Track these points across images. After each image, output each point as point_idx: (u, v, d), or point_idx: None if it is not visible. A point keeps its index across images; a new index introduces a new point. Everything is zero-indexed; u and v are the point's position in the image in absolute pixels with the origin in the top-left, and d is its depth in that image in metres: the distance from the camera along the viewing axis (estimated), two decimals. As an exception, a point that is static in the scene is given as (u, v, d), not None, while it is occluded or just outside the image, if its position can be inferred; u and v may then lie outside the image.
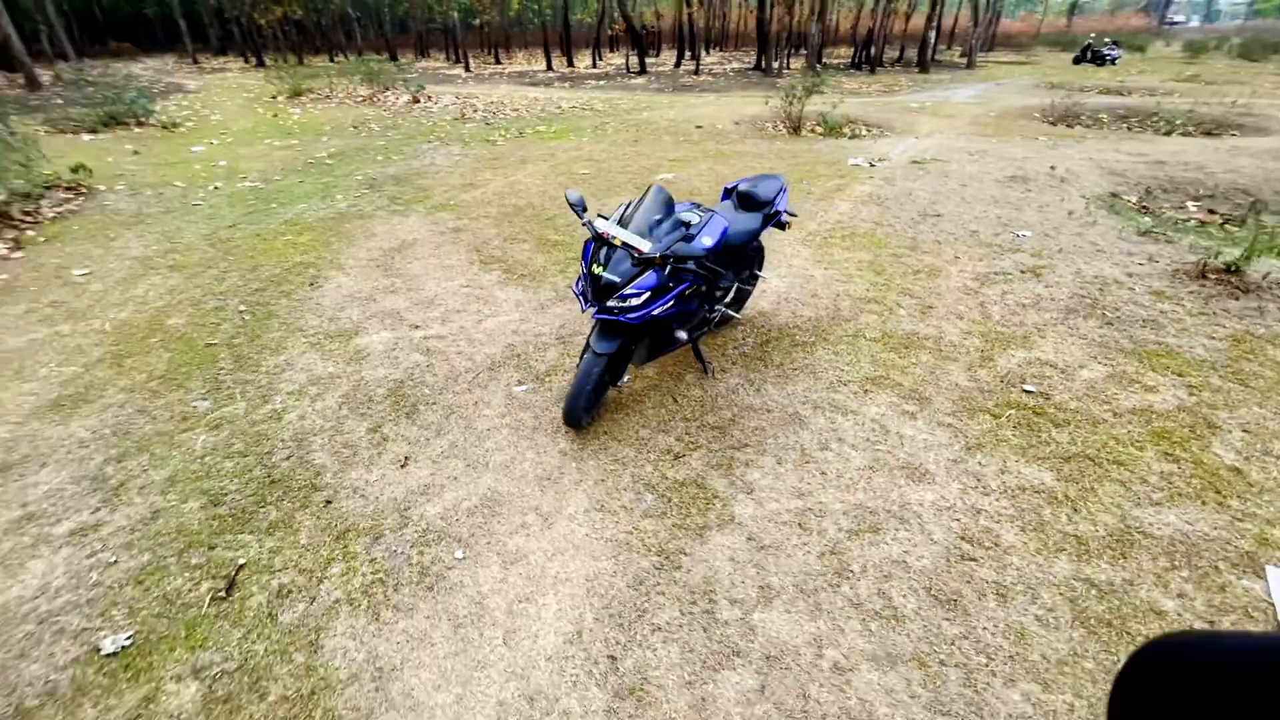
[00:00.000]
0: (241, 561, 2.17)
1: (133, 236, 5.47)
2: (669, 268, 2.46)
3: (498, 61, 28.61)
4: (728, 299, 3.24)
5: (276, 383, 3.26)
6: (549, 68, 24.31)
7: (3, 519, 2.36)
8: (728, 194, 3.36)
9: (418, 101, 13.77)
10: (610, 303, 2.40)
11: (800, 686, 1.72)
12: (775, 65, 21.52)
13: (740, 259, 3.22)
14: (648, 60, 24.10)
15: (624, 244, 2.38)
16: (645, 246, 2.34)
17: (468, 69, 24.59)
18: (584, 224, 2.52)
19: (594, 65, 25.95)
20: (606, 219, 2.58)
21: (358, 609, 1.99)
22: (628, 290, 2.37)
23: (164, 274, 4.68)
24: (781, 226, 3.56)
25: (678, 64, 24.65)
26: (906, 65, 24.79)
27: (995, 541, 2.17)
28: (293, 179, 7.55)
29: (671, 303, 2.51)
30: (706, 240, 2.67)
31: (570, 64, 25.58)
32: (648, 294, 2.39)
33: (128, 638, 1.89)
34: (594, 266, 2.43)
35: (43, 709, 1.70)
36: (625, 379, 3.15)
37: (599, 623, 1.92)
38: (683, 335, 2.69)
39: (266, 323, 3.90)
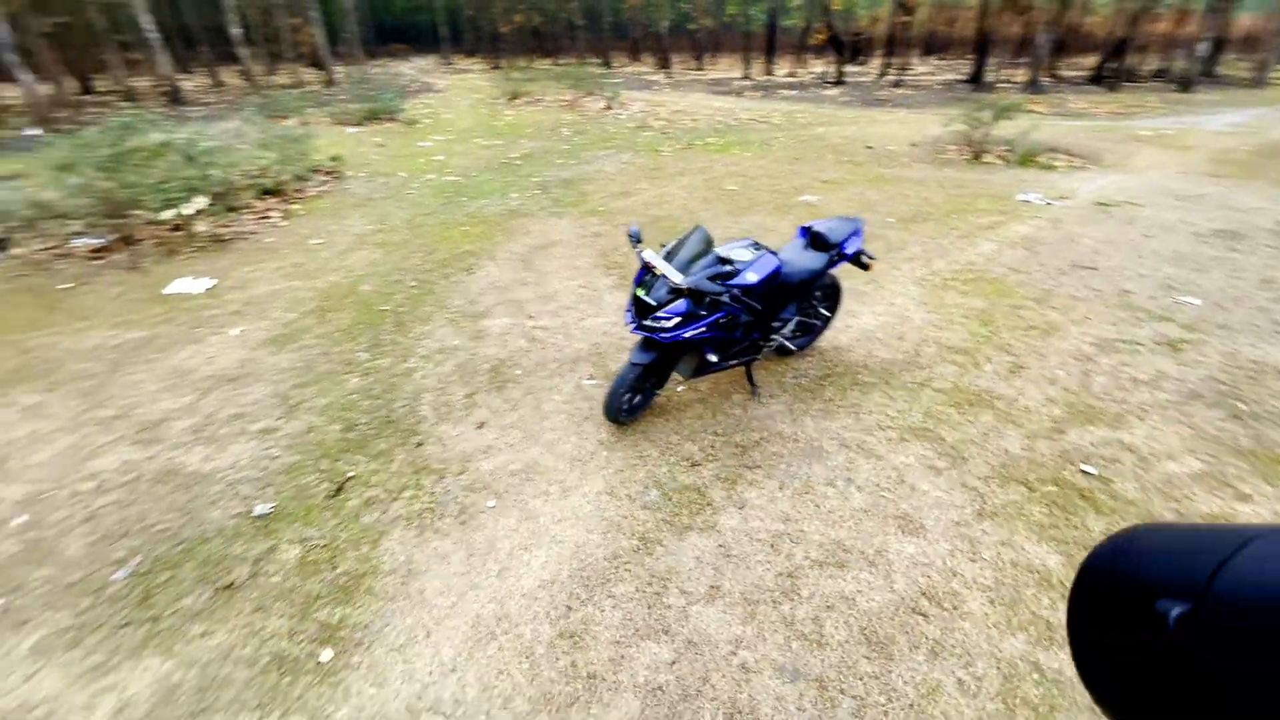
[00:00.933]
0: (351, 474, 2.96)
1: (358, 216, 6.98)
2: (708, 298, 2.79)
3: (700, 67, 29.56)
4: (785, 330, 3.44)
5: (416, 347, 4.14)
6: (746, 75, 24.63)
7: (227, 412, 3.44)
8: (804, 232, 3.54)
9: (610, 108, 15.02)
10: (647, 321, 2.80)
11: (704, 671, 2.01)
12: (991, 78, 19.60)
13: (801, 296, 3.40)
14: (850, 69, 23.35)
15: (662, 273, 2.76)
16: (677, 278, 2.70)
17: (669, 75, 25.82)
18: (637, 253, 2.94)
19: (793, 74, 25.72)
20: (664, 246, 2.97)
21: (410, 525, 2.65)
22: (661, 313, 2.75)
23: (370, 249, 5.98)
24: (863, 268, 3.64)
25: (882, 74, 23.52)
26: (1170, 81, 21.00)
27: (955, 605, 2.21)
28: (485, 176, 8.89)
29: (704, 328, 2.83)
30: (751, 277, 2.95)
31: (769, 71, 25.64)
32: (678, 318, 2.75)
33: (270, 508, 2.75)
34: (639, 290, 2.85)
35: (215, 538, 2.59)
36: (679, 388, 3.52)
37: (570, 579, 2.36)
38: (714, 358, 3.00)
39: (425, 298, 4.88)
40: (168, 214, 6.12)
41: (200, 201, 6.48)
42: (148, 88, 19.97)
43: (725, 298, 2.80)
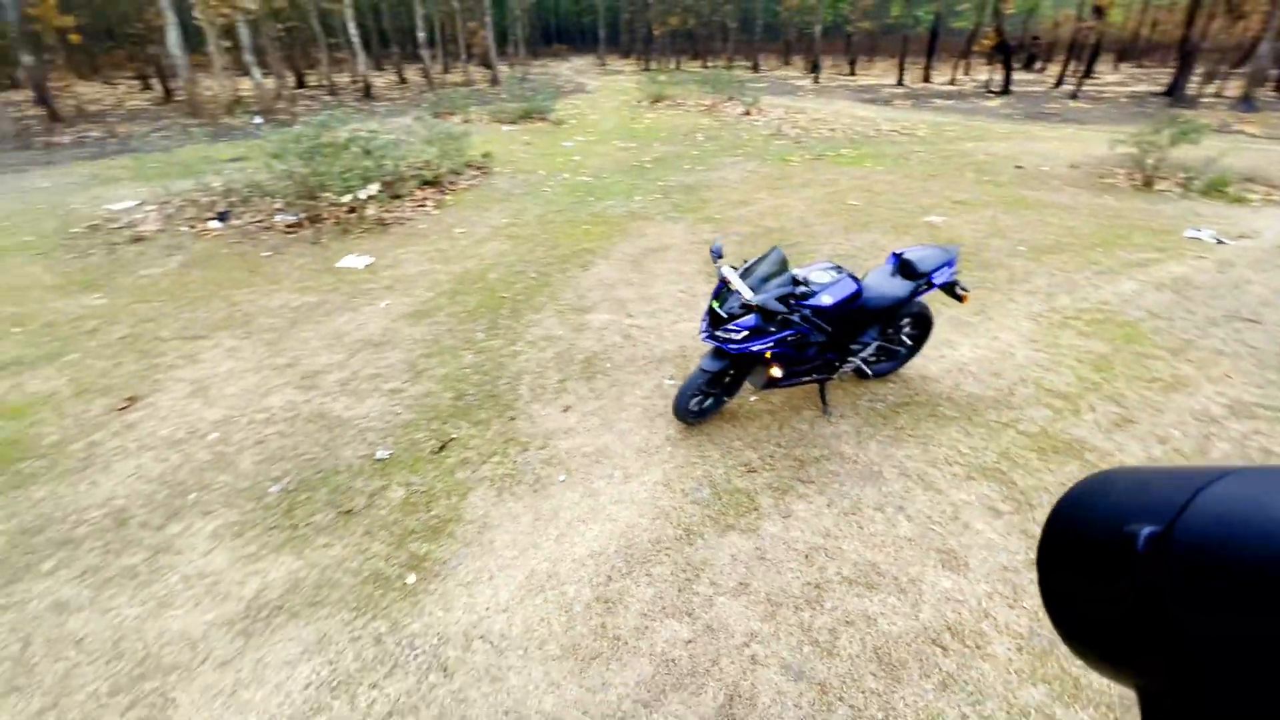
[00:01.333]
0: (453, 436, 3.47)
1: (497, 210, 7.75)
2: (778, 316, 2.95)
3: (851, 72, 28.49)
4: (865, 354, 3.47)
5: (525, 333, 4.64)
6: (899, 82, 23.42)
7: (368, 371, 4.12)
8: (895, 258, 3.54)
9: (748, 114, 15.07)
10: (719, 332, 3.01)
11: (715, 654, 2.22)
12: (1194, 91, 17.09)
13: (883, 322, 3.41)
14: (1024, 78, 21.40)
15: (735, 289, 2.95)
16: (748, 294, 2.88)
17: (816, 80, 25.19)
18: (716, 268, 3.15)
19: (953, 81, 24.04)
20: (746, 262, 3.16)
21: (493, 486, 3.08)
22: (731, 325, 2.95)
23: (502, 241, 6.66)
24: (957, 299, 3.58)
25: (1057, 83, 21.30)
26: None
27: (979, 644, 2.22)
28: (615, 177, 9.41)
29: (771, 344, 2.99)
30: (826, 299, 3.05)
31: (926, 78, 24.17)
32: (746, 332, 2.93)
33: (388, 454, 3.32)
34: (714, 302, 3.06)
35: (344, 472, 3.18)
36: (751, 398, 3.69)
37: (615, 554, 2.66)
38: (778, 373, 3.13)
39: (541, 289, 5.40)
40: (346, 198, 7.21)
41: (372, 189, 7.55)
42: (347, 83, 23.02)
43: (795, 317, 2.93)
